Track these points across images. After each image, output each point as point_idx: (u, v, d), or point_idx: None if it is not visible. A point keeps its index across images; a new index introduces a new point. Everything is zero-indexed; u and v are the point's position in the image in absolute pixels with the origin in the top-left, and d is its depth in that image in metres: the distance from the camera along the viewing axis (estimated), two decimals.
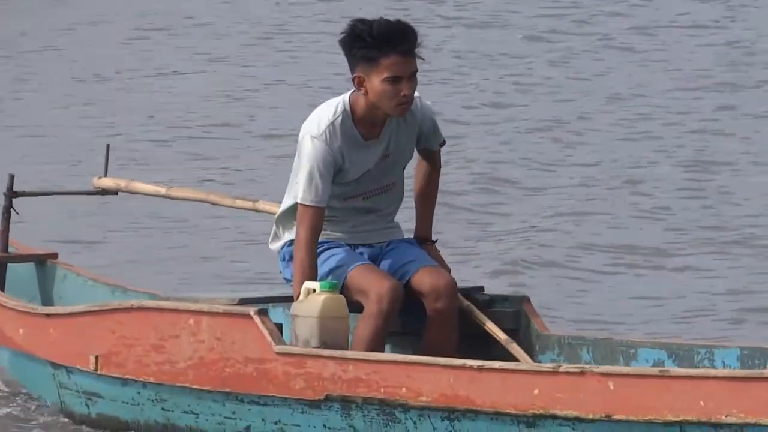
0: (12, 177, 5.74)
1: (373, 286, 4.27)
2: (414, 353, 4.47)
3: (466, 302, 4.61)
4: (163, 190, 5.95)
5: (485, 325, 4.53)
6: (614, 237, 8.76)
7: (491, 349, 4.49)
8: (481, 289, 4.86)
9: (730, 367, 4.48)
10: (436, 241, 4.67)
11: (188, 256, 8.53)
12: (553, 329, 5.07)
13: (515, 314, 4.77)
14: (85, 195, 6.38)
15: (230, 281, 7.71)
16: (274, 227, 4.68)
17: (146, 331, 4.67)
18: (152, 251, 8.70)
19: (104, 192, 5.85)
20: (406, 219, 4.93)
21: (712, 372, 4.26)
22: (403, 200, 4.75)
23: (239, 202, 5.59)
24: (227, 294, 4.97)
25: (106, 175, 5.80)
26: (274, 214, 4.75)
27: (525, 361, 4.44)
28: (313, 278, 4.32)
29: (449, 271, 4.56)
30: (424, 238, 4.60)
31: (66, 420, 5.22)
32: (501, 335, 4.50)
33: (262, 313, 4.27)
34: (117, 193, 5.90)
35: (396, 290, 4.26)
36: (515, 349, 4.45)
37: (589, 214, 9.25)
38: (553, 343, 4.76)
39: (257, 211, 5.39)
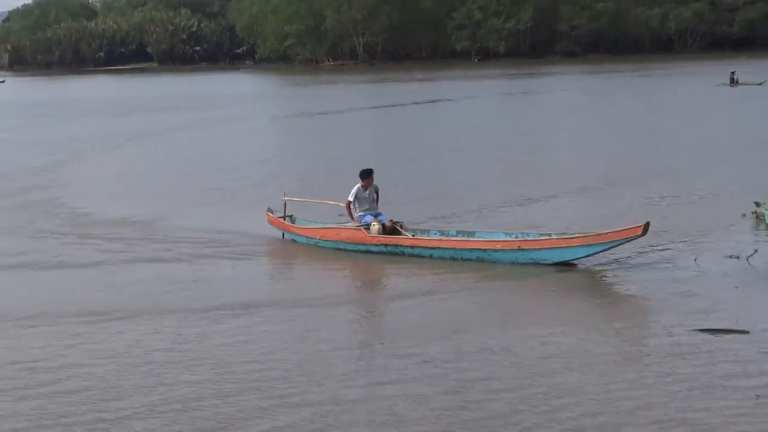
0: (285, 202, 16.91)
1: (376, 224, 15.56)
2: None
3: (395, 226, 15.42)
4: (311, 200, 17.41)
5: (399, 230, 15.38)
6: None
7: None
8: (393, 221, 15.48)
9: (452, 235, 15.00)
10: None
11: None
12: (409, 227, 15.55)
13: (402, 226, 15.36)
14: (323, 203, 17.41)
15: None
16: (349, 211, 15.94)
17: (333, 232, 15.79)
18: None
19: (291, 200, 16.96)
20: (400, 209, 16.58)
21: (496, 238, 14.53)
22: (377, 205, 16.03)
23: (330, 202, 16.88)
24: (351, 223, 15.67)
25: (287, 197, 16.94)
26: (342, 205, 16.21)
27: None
28: (356, 221, 15.59)
29: (391, 219, 15.50)
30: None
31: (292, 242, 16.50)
32: (405, 234, 15.30)
33: (366, 227, 15.31)
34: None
35: (382, 226, 15.49)
36: (407, 234, 15.31)
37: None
38: (409, 231, 15.26)
39: (342, 206, 16.20)
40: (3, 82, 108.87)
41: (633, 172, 23.55)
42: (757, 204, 16.01)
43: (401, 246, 15.18)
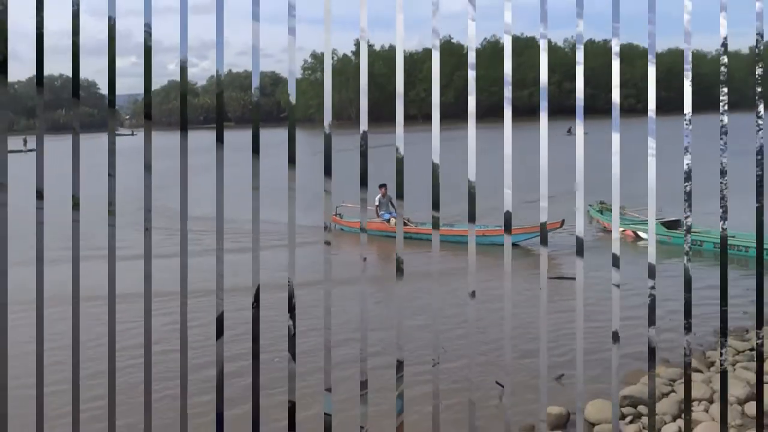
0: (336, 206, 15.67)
1: (393, 219, 15.96)
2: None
3: (406, 221, 15.14)
4: (351, 205, 16.46)
5: (409, 224, 15.08)
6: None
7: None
8: (406, 218, 15.18)
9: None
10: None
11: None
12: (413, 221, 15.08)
13: (409, 219, 14.95)
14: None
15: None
16: (376, 212, 16.21)
17: (368, 224, 15.48)
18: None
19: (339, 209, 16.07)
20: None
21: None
22: (391, 209, 16.16)
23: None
24: (378, 218, 15.23)
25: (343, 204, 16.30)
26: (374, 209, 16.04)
27: (418, 229, 14.56)
28: (380, 217, 15.43)
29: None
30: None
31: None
32: (411, 224, 15.01)
33: (387, 221, 15.56)
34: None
35: (393, 219, 15.85)
36: (413, 225, 14.97)
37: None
38: (413, 223, 14.91)
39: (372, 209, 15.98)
40: (135, 135, 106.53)
41: (531, 193, 23.16)
42: (591, 205, 16.45)
43: (410, 233, 14.83)
